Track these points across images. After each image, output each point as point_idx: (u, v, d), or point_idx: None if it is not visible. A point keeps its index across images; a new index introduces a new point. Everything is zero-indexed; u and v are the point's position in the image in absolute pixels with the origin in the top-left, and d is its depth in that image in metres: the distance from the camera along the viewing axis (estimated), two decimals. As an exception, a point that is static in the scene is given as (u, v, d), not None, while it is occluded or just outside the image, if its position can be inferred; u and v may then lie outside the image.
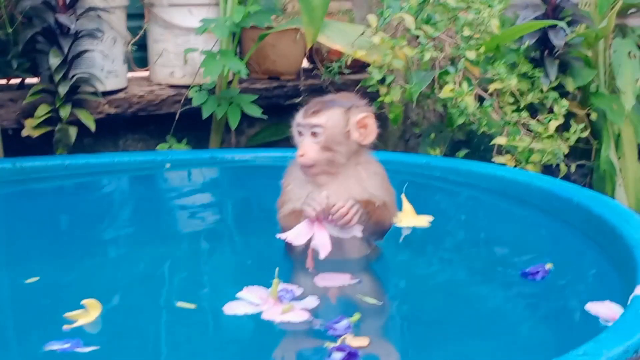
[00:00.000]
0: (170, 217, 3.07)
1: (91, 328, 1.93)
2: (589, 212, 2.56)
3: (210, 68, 3.54)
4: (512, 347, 1.93)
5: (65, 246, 2.63)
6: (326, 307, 2.04)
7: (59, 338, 1.83)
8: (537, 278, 2.20)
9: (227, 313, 1.95)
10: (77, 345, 1.80)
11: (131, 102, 3.85)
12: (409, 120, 4.58)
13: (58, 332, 1.88)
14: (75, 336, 1.84)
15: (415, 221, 2.68)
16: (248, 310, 1.97)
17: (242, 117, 3.74)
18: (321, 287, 2.13)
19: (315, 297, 2.05)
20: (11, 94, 3.68)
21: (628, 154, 3.84)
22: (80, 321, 1.93)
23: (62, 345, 1.80)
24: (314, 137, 2.25)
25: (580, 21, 3.78)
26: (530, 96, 3.58)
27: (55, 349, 1.79)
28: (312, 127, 2.24)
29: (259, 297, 2.01)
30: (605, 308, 1.98)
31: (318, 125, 2.24)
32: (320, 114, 2.25)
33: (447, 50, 3.63)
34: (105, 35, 3.72)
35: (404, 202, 2.70)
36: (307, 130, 2.26)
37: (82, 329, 1.91)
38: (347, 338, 1.81)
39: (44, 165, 3.31)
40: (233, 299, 2.03)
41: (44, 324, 1.96)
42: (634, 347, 1.61)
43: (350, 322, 1.89)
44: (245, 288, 2.05)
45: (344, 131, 2.27)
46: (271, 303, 1.98)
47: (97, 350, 1.80)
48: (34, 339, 1.89)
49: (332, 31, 3.68)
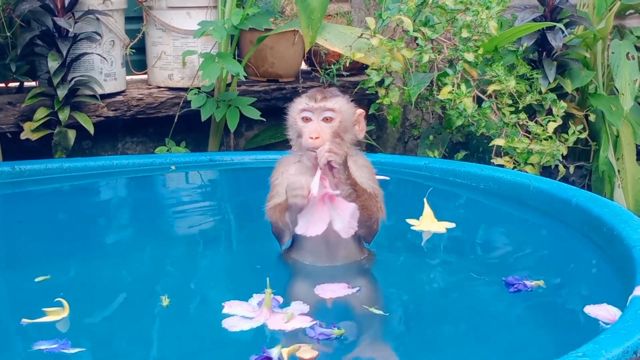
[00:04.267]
0: (168, 220, 3.07)
1: (78, 328, 1.95)
2: (587, 213, 2.57)
3: (209, 70, 3.54)
4: (512, 349, 1.93)
5: (62, 248, 2.63)
6: (320, 312, 2.04)
7: (48, 338, 1.85)
8: (519, 290, 2.17)
9: (232, 330, 1.91)
10: (64, 346, 1.81)
11: (130, 105, 3.85)
12: (408, 122, 4.58)
13: (48, 332, 1.90)
14: (51, 333, 1.87)
15: (434, 226, 2.67)
16: (252, 324, 1.93)
17: (241, 120, 3.74)
18: (321, 298, 2.10)
19: (302, 302, 2.03)
20: (10, 97, 3.68)
21: (627, 155, 3.85)
22: (50, 317, 1.96)
23: (50, 345, 1.82)
24: (326, 121, 2.20)
25: (579, 22, 3.79)
26: (529, 98, 3.59)
27: (43, 349, 1.81)
28: (326, 111, 2.20)
29: (249, 310, 1.99)
30: (603, 310, 1.98)
31: (332, 109, 2.20)
32: (331, 98, 2.21)
33: (446, 52, 3.64)
34: (103, 38, 3.73)
35: (425, 207, 2.69)
36: (318, 115, 2.20)
37: (71, 329, 1.93)
38: (300, 350, 1.79)
39: (43, 168, 3.31)
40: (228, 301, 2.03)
41: (35, 323, 1.96)
42: (633, 348, 1.61)
43: (332, 333, 1.88)
44: (225, 304, 2.01)
45: (352, 119, 2.26)
46: (267, 313, 1.96)
47: (84, 352, 1.81)
48: (24, 338, 1.90)
49: (331, 33, 3.68)
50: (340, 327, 1.91)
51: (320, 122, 2.20)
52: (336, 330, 1.89)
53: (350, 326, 1.97)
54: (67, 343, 1.82)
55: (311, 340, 1.86)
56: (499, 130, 3.52)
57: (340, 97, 2.25)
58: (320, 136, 2.18)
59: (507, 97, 3.55)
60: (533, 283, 2.19)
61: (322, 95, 2.22)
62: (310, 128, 2.20)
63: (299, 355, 1.77)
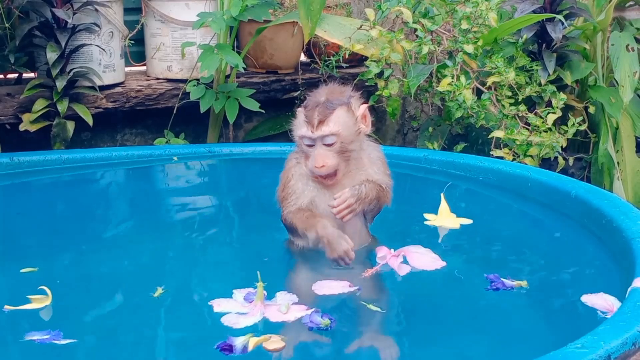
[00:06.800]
0: (166, 211, 3.07)
1: (69, 319, 1.96)
2: (587, 205, 2.56)
3: (208, 62, 3.53)
4: (510, 340, 1.94)
5: (60, 239, 2.63)
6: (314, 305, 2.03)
7: (41, 328, 1.85)
8: (498, 289, 2.16)
9: (235, 327, 1.89)
10: (56, 337, 1.82)
11: (129, 97, 3.84)
12: (407, 113, 4.58)
13: (36, 322, 1.91)
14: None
15: (449, 222, 2.65)
16: (253, 319, 1.91)
17: (240, 111, 3.74)
18: (316, 294, 2.08)
19: (287, 292, 2.02)
20: (8, 89, 3.67)
21: (626, 147, 3.84)
22: (33, 305, 1.97)
23: (41, 336, 1.82)
24: (328, 146, 2.19)
25: (578, 14, 3.78)
26: (528, 89, 3.58)
27: (34, 339, 1.81)
28: (326, 138, 2.19)
29: (239, 306, 1.97)
30: (600, 299, 1.98)
31: (332, 134, 2.18)
32: (328, 121, 2.18)
33: (445, 44, 3.63)
34: (102, 30, 3.72)
35: (442, 203, 2.66)
36: (319, 142, 2.20)
37: (62, 320, 1.94)
38: (267, 342, 1.79)
39: (41, 159, 3.31)
40: (227, 294, 2.02)
41: (29, 313, 1.97)
42: (632, 339, 1.61)
43: (321, 323, 1.88)
44: (213, 303, 1.99)
45: (354, 129, 2.23)
46: (261, 306, 1.95)
47: (75, 343, 1.82)
48: (17, 328, 1.91)
49: (330, 25, 3.68)
50: (332, 318, 1.90)
51: (323, 146, 2.20)
52: (324, 320, 1.89)
53: (342, 319, 1.96)
54: (59, 334, 1.83)
55: (303, 327, 1.87)
56: (498, 122, 3.51)
57: (338, 108, 2.20)
58: (325, 164, 2.19)
59: (506, 88, 3.54)
60: (514, 283, 2.16)
61: (319, 119, 2.18)
62: (314, 154, 2.20)
63: (265, 346, 1.78)
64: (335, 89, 2.28)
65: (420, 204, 2.79)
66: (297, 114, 2.26)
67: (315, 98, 2.24)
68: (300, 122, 2.23)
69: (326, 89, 2.29)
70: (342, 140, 2.20)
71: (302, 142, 2.23)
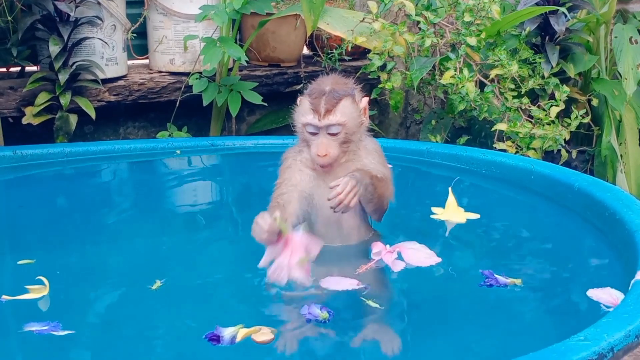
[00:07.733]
0: (168, 204, 3.07)
1: (68, 311, 1.97)
2: (590, 197, 2.56)
3: (210, 55, 3.53)
4: (514, 333, 1.93)
5: (63, 232, 2.64)
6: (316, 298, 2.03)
7: (40, 319, 1.86)
8: (491, 285, 2.15)
9: (283, 284, 1.92)
10: (55, 329, 1.83)
11: (131, 90, 3.84)
12: (410, 106, 4.57)
13: (34, 313, 1.92)
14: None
15: (456, 216, 2.64)
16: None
17: (242, 105, 3.74)
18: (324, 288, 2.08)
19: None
20: (11, 82, 3.67)
21: (629, 139, 3.84)
22: (31, 295, 1.99)
23: (40, 327, 1.83)
24: (332, 135, 2.19)
25: (581, 6, 3.77)
26: (531, 82, 3.57)
27: (33, 330, 1.82)
28: (331, 127, 2.18)
29: (274, 254, 1.97)
30: (606, 294, 1.98)
31: (338, 124, 2.18)
32: (335, 110, 2.18)
33: (448, 37, 3.62)
34: (105, 23, 3.71)
35: (450, 197, 2.65)
36: (324, 131, 2.19)
37: (61, 311, 1.95)
38: (256, 334, 1.79)
39: (44, 152, 3.31)
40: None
41: (29, 304, 1.98)
42: (635, 332, 1.61)
43: (319, 316, 1.89)
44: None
45: (358, 121, 2.24)
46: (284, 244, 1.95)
47: (73, 334, 1.83)
48: (16, 318, 1.92)
49: (333, 18, 3.67)
50: (331, 312, 1.90)
51: (327, 135, 2.19)
52: (323, 313, 1.89)
53: (340, 313, 1.96)
54: (57, 325, 1.84)
55: (301, 319, 1.88)
56: (501, 115, 3.51)
57: (344, 99, 2.20)
58: (328, 153, 2.18)
59: (509, 81, 3.54)
60: (508, 280, 2.15)
61: (326, 108, 2.17)
62: (317, 142, 2.19)
63: (253, 338, 1.78)
64: (339, 79, 2.27)
65: (424, 197, 2.79)
66: (301, 101, 2.25)
67: (320, 87, 2.22)
68: (305, 109, 2.21)
69: (329, 78, 2.27)
70: (346, 130, 2.19)
71: (304, 130, 2.22)
